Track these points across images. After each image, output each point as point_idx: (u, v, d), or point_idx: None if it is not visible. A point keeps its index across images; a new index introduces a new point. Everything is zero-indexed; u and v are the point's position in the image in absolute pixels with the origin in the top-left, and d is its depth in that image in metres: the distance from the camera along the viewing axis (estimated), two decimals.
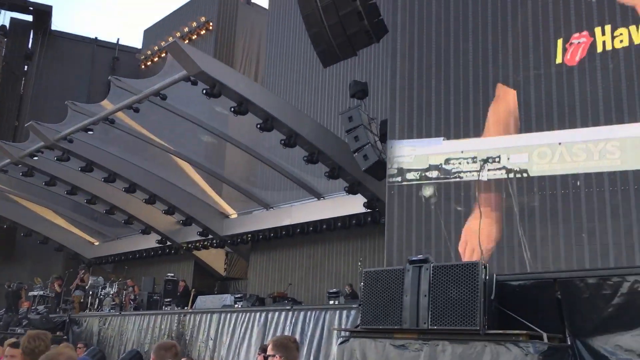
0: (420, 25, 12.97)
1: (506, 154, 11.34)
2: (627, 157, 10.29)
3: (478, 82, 12.02)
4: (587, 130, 10.72)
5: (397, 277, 7.02)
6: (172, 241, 23.68)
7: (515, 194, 11.10)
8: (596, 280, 5.55)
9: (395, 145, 12.50)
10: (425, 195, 11.96)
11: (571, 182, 10.68)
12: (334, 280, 18.48)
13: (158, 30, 30.42)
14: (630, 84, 10.46)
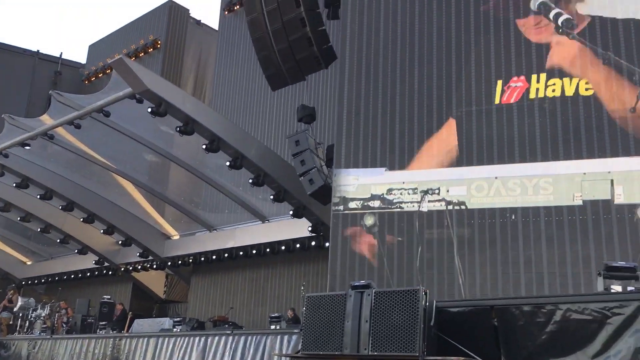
0: (369, 54, 13.23)
1: (445, 186, 11.69)
2: (560, 193, 10.76)
3: (422, 114, 12.33)
4: (522, 165, 11.21)
5: (339, 303, 7.01)
6: (110, 262, 22.94)
7: (454, 225, 11.40)
8: (531, 308, 5.71)
9: (339, 174, 12.64)
10: (366, 224, 12.13)
11: (508, 214, 11.07)
12: (276, 305, 18.30)
13: (104, 46, 29.83)
14: (566, 126, 11.03)
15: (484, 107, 11.79)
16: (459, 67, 12.26)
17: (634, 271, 5.84)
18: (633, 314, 4.83)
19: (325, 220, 14.63)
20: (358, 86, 13.13)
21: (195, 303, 21.45)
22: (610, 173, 10.57)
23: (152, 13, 27.60)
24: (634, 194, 10.38)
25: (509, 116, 11.52)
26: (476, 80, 12.02)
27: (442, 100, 12.23)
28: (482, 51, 12.13)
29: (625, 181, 10.47)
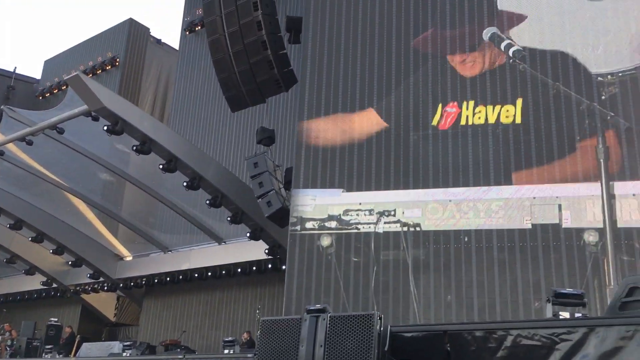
0: (329, 77, 13.40)
1: (401, 208, 11.84)
2: (510, 217, 11.04)
3: (381, 137, 12.52)
4: (475, 189, 11.47)
5: (294, 327, 6.95)
6: (59, 283, 22.20)
7: (409, 246, 11.53)
8: (483, 334, 5.78)
9: (297, 194, 12.66)
10: (323, 245, 12.15)
11: (462, 237, 11.29)
12: (230, 328, 18.02)
13: (60, 62, 29.25)
14: (517, 152, 11.37)
15: (439, 131, 12.07)
16: (407, 92, 12.56)
17: (581, 298, 6.01)
18: (580, 340, 4.95)
19: (283, 243, 14.56)
20: (318, 110, 13.23)
21: (147, 326, 20.92)
22: (558, 198, 10.90)
23: (112, 30, 27.28)
24: (581, 218, 10.75)
25: (463, 140, 11.83)
26: (423, 104, 12.32)
27: (400, 124, 12.45)
28: (420, 79, 12.47)
29: (572, 206, 10.82)
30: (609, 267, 10.46)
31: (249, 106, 14.80)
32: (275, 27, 13.65)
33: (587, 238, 10.64)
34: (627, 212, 10.58)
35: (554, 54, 11.68)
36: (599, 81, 11.29)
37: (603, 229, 10.58)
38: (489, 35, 12.24)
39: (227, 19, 13.33)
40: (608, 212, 10.62)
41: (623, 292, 5.13)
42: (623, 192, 10.67)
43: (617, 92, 11.13)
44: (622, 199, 10.64)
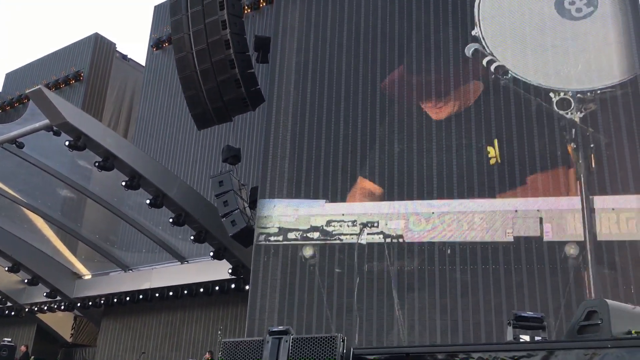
0: (296, 97, 13.47)
1: (384, 219, 11.91)
2: (493, 229, 11.29)
3: (356, 157, 12.59)
4: (458, 202, 11.70)
5: (255, 349, 6.85)
6: (14, 302, 21.46)
7: (393, 258, 11.58)
8: (444, 357, 5.79)
9: (278, 204, 12.61)
10: (305, 255, 12.11)
11: (445, 249, 11.47)
12: (191, 349, 17.66)
13: (23, 75, 28.65)
14: (501, 166, 11.67)
15: (424, 144, 12.23)
16: (383, 105, 12.70)
17: (541, 321, 6.08)
18: None
19: (246, 263, 14.41)
20: (284, 129, 13.27)
21: (105, 347, 20.34)
22: (539, 211, 11.09)
23: (77, 44, 26.89)
24: (562, 231, 11.00)
25: (447, 154, 12.01)
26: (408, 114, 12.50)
27: (375, 138, 12.57)
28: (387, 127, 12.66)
29: (553, 219, 11.04)
30: (590, 279, 10.70)
31: (215, 124, 14.73)
32: (244, 46, 13.68)
33: (568, 251, 10.91)
34: (607, 225, 10.89)
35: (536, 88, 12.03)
36: (578, 98, 11.63)
37: (584, 242, 10.84)
38: (471, 51, 12.53)
39: (195, 36, 13.31)
40: (588, 226, 10.91)
41: (581, 316, 5.22)
42: (603, 206, 11.02)
43: (596, 108, 11.53)
44: (601, 213, 10.96)
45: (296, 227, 12.42)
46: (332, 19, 14.00)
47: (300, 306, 11.73)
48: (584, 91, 11.72)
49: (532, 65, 12.14)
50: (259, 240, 12.64)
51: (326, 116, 13.22)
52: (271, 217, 12.65)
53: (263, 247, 12.51)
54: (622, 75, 11.64)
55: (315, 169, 12.78)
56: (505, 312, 10.55)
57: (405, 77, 12.84)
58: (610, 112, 11.47)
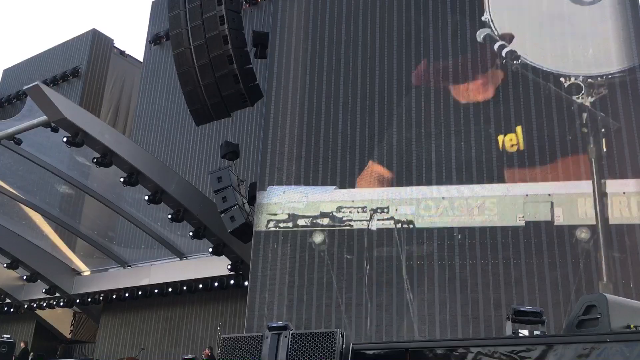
0: (295, 92, 13.46)
1: (395, 205, 11.93)
2: (504, 214, 11.34)
3: (356, 138, 12.55)
4: (468, 187, 11.69)
5: (255, 344, 6.85)
6: (13, 298, 21.46)
7: (403, 243, 11.60)
8: (443, 351, 5.80)
9: (287, 191, 12.61)
10: (315, 242, 12.12)
11: (455, 234, 11.48)
12: (191, 345, 17.68)
13: (20, 71, 28.58)
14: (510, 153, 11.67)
15: (432, 130, 12.25)
16: (388, 117, 12.67)
17: (539, 316, 6.09)
18: (539, 357, 5.01)
19: (245, 259, 14.41)
20: (283, 124, 13.25)
21: (104, 343, 20.36)
22: (550, 196, 11.11)
23: (75, 40, 26.82)
24: (573, 216, 11.03)
25: (456, 140, 12.06)
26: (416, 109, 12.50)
27: (383, 127, 12.53)
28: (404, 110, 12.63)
29: (564, 204, 11.08)
30: (602, 263, 10.72)
31: (213, 120, 14.69)
32: (242, 41, 13.64)
33: (579, 235, 10.92)
34: (618, 209, 10.93)
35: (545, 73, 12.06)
36: (589, 82, 11.68)
37: (595, 226, 10.86)
38: (482, 37, 12.53)
39: (193, 32, 13.26)
40: (600, 210, 10.93)
41: (580, 311, 5.23)
42: (614, 189, 11.05)
43: (607, 93, 11.57)
44: (613, 197, 11.00)
45: (306, 213, 12.43)
46: (330, 12, 13.97)
47: (309, 293, 11.76)
48: (594, 76, 11.76)
49: (543, 50, 12.18)
50: (268, 226, 12.60)
51: (325, 111, 13.20)
52: (281, 203, 12.66)
53: (272, 233, 12.50)
54: (631, 61, 11.69)
55: (324, 156, 12.79)
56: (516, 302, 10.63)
57: (422, 67, 12.83)
58: (620, 97, 11.54)
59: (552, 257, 10.86)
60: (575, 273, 10.70)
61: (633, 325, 4.89)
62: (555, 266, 10.80)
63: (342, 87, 13.26)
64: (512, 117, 11.92)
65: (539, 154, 11.55)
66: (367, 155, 12.62)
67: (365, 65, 13.25)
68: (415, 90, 12.67)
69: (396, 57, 13.05)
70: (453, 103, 12.33)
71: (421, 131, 12.30)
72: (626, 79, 11.60)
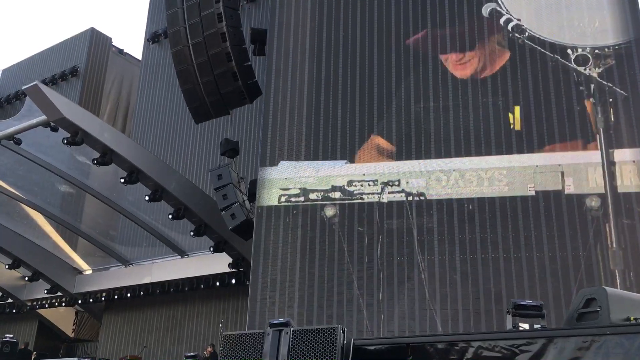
0: (293, 89, 13.45)
1: (405, 178, 12.07)
2: (514, 185, 11.44)
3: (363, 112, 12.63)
4: (478, 158, 11.80)
5: (256, 341, 6.87)
6: (15, 298, 21.51)
7: (414, 215, 11.73)
8: (444, 346, 5.82)
9: (298, 166, 12.71)
10: (327, 215, 12.22)
11: (466, 205, 11.57)
12: (193, 343, 17.72)
13: (19, 71, 28.57)
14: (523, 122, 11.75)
15: (440, 103, 12.32)
16: (393, 93, 12.67)
17: (540, 309, 6.11)
18: (539, 351, 5.02)
19: (246, 256, 14.43)
20: (282, 121, 13.25)
21: (107, 342, 20.41)
22: (560, 166, 11.25)
23: (73, 39, 26.80)
24: (583, 185, 11.16)
25: (464, 112, 12.13)
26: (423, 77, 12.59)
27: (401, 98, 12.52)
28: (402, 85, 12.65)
29: (574, 173, 11.23)
30: (611, 230, 10.88)
31: (213, 118, 14.69)
32: (240, 39, 13.62)
33: (590, 203, 11.06)
34: (627, 177, 11.08)
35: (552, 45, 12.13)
36: (596, 53, 11.75)
37: (604, 195, 10.98)
38: (488, 11, 12.58)
39: (191, 30, 13.25)
40: (609, 178, 11.07)
41: (580, 303, 5.24)
42: (622, 158, 11.20)
43: (613, 64, 11.66)
44: (622, 165, 11.14)
45: (317, 187, 12.53)
46: (328, 7, 13.94)
47: (311, 281, 11.84)
48: (601, 47, 11.85)
49: (548, 22, 12.24)
50: (280, 201, 12.69)
51: (324, 107, 13.23)
52: (292, 178, 12.73)
53: (282, 208, 12.58)
54: (637, 31, 11.77)
55: (333, 132, 12.89)
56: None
57: (428, 37, 12.86)
58: (626, 67, 11.63)
59: (562, 225, 10.99)
60: (584, 241, 10.84)
61: (633, 317, 4.90)
62: (564, 234, 10.93)
63: (341, 81, 13.27)
64: (520, 91, 12.00)
65: (547, 125, 11.64)
66: (366, 128, 12.73)
67: (364, 62, 13.24)
68: (422, 64, 12.71)
69: (394, 54, 13.07)
70: (461, 76, 12.40)
71: (429, 105, 12.41)
72: (632, 49, 11.71)
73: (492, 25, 12.58)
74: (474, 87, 12.30)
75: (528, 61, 12.12)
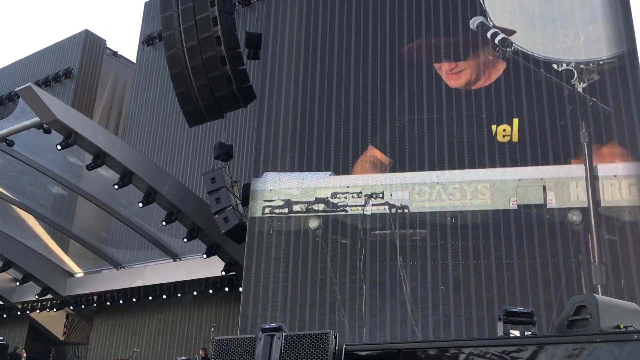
0: (288, 93, 13.48)
1: (389, 190, 12.11)
2: (497, 198, 11.50)
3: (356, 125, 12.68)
4: (461, 172, 11.85)
5: (248, 346, 6.86)
6: (5, 301, 21.36)
7: (397, 227, 11.74)
8: (436, 352, 5.82)
9: (283, 177, 12.66)
10: (311, 227, 12.20)
11: (448, 218, 11.62)
12: (184, 347, 17.66)
13: (12, 72, 28.44)
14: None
15: (425, 115, 12.36)
16: (382, 104, 12.75)
17: (530, 316, 6.14)
18: (530, 358, 5.04)
19: (239, 260, 14.41)
20: (276, 126, 13.27)
21: (97, 345, 20.31)
22: (542, 180, 11.27)
23: (67, 41, 26.72)
24: (565, 199, 11.20)
25: (449, 124, 12.21)
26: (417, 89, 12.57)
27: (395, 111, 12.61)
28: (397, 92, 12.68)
29: (556, 187, 11.26)
30: (593, 245, 10.90)
31: (206, 121, 14.69)
32: (235, 42, 13.64)
33: (571, 217, 11.09)
34: (609, 192, 11.11)
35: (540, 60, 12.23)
36: (581, 68, 11.84)
37: (587, 209, 11.02)
38: (475, 24, 12.63)
39: (186, 33, 13.26)
40: (592, 193, 11.10)
41: (570, 311, 5.27)
42: (605, 173, 11.22)
43: (598, 79, 11.77)
44: (604, 180, 11.16)
45: (301, 199, 12.48)
46: (323, 12, 13.98)
47: (304, 278, 11.82)
48: (585, 62, 11.93)
49: (534, 37, 12.32)
50: (264, 212, 12.66)
51: (318, 112, 13.25)
52: (276, 190, 12.70)
53: (266, 220, 12.55)
54: (620, 48, 11.86)
55: (318, 143, 12.88)
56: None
57: (422, 45, 12.92)
58: (609, 83, 11.71)
59: (543, 239, 11.00)
60: (566, 255, 10.87)
61: (623, 325, 4.93)
62: (546, 249, 10.96)
63: (335, 88, 13.30)
64: (504, 107, 12.07)
65: (530, 139, 11.68)
66: (361, 142, 12.73)
67: (358, 64, 13.30)
68: (407, 80, 12.78)
69: (389, 54, 13.12)
70: (446, 90, 12.49)
71: (422, 116, 12.43)
72: (615, 65, 11.80)
73: (480, 38, 12.63)
74: (466, 98, 12.33)
75: (512, 76, 12.19)
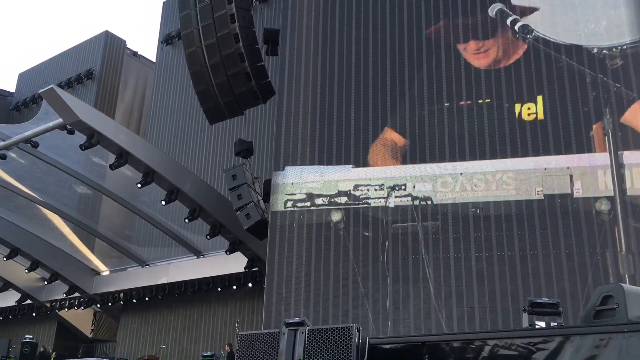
0: (307, 89, 13.47)
1: (412, 182, 11.98)
2: (522, 188, 11.31)
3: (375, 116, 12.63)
4: (485, 162, 11.66)
5: (272, 341, 6.89)
6: (34, 300, 21.76)
7: (420, 220, 11.62)
8: (460, 344, 5.79)
9: (304, 171, 12.68)
10: (333, 220, 12.17)
11: (472, 209, 11.46)
12: (210, 342, 17.82)
13: (35, 75, 28.91)
14: (523, 125, 11.65)
15: (445, 105, 12.23)
16: (401, 96, 12.65)
17: (556, 307, 6.05)
18: (556, 349, 4.99)
19: (262, 256, 14.47)
20: (295, 120, 13.27)
21: (125, 342, 20.60)
22: (569, 169, 11.09)
23: (88, 43, 27.07)
24: (592, 188, 11.01)
25: (469, 115, 12.04)
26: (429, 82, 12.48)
27: (414, 100, 12.54)
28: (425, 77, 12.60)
29: (583, 176, 11.08)
30: (620, 234, 10.70)
31: (227, 118, 14.76)
32: (253, 39, 13.66)
33: (599, 207, 10.89)
34: (637, 180, 10.88)
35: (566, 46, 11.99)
36: (604, 54, 11.60)
37: (613, 197, 10.81)
38: (494, 11, 12.47)
39: (204, 31, 13.31)
40: (618, 181, 10.89)
41: (597, 301, 5.19)
42: (631, 161, 11.00)
43: (620, 64, 11.51)
44: (631, 168, 10.94)
45: (323, 192, 12.45)
46: (340, 6, 13.93)
47: (326, 279, 11.78)
48: (609, 47, 11.67)
49: (555, 23, 12.08)
50: (286, 206, 12.62)
51: (337, 104, 13.22)
52: (298, 183, 12.69)
53: (288, 213, 12.53)
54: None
55: (338, 135, 12.81)
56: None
57: (442, 27, 12.77)
58: (633, 68, 11.45)
59: (569, 229, 10.82)
60: (592, 245, 10.68)
61: None
62: (571, 238, 10.78)
63: (353, 81, 13.25)
64: (527, 85, 11.83)
65: (552, 126, 11.47)
66: (388, 121, 12.58)
67: (377, 57, 13.22)
68: (426, 69, 12.65)
69: (406, 44, 13.03)
70: (466, 75, 12.28)
71: (442, 106, 12.26)
72: (639, 49, 11.52)
73: (500, 24, 12.45)
74: (486, 81, 12.14)
75: (542, 60, 11.96)
